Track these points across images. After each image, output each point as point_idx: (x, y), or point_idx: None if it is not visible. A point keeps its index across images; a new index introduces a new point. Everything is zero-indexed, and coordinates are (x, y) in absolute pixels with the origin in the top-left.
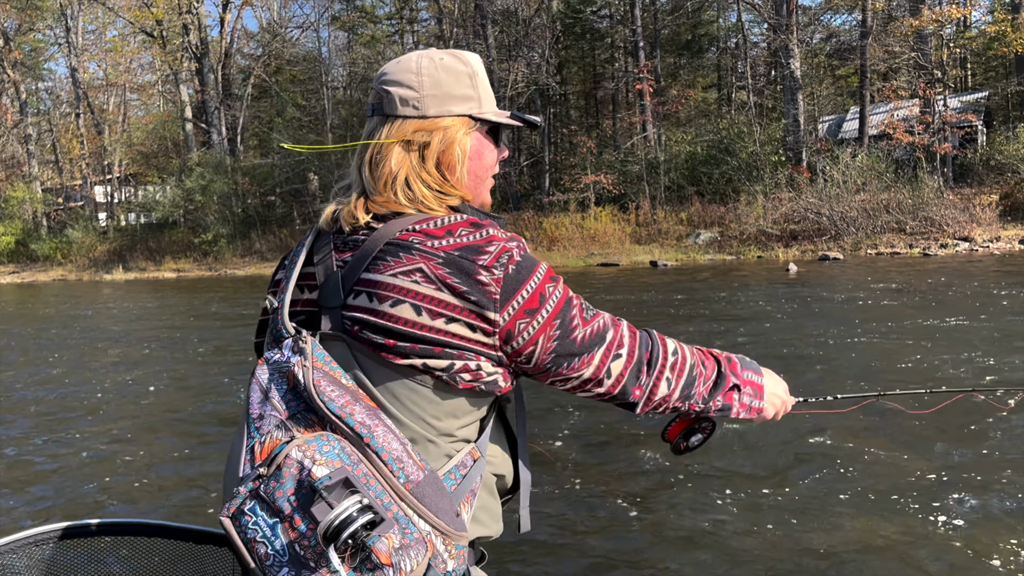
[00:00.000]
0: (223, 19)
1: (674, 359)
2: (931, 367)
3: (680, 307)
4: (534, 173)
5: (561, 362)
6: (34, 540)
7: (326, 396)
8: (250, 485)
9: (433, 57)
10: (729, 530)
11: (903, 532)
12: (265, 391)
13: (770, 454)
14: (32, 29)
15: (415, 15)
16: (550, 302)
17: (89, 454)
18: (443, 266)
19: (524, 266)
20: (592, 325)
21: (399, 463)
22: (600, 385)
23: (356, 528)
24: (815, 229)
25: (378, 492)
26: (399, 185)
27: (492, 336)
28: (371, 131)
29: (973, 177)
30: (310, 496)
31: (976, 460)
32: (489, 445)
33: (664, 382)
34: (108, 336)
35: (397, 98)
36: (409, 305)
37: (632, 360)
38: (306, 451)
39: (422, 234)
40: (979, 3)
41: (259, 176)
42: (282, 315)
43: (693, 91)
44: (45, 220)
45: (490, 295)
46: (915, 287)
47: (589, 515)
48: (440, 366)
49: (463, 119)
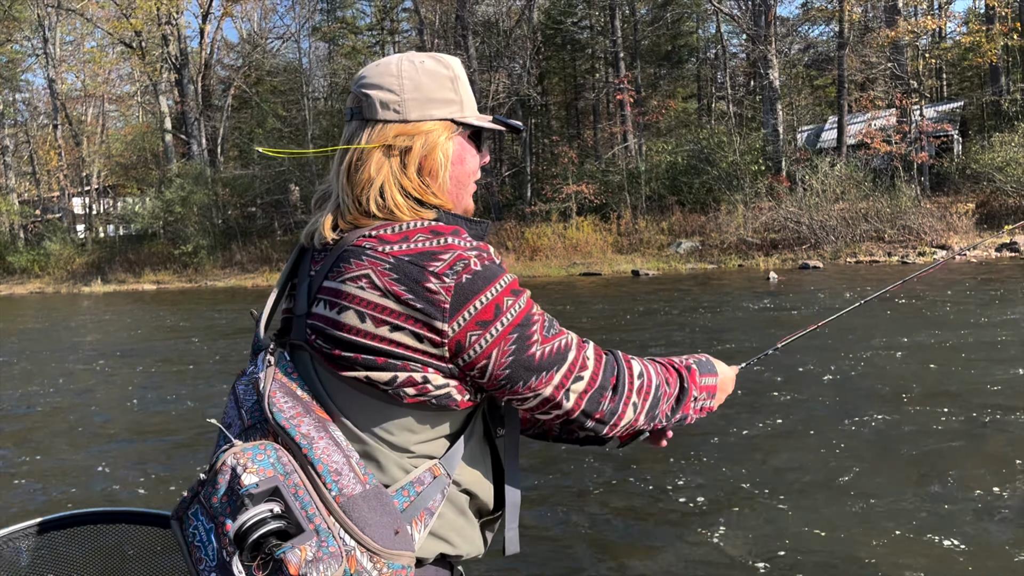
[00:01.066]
0: (203, 30)
1: (639, 382)
2: (906, 374)
3: (662, 316)
4: (516, 183)
5: (517, 379)
6: (25, 533)
7: (276, 407)
8: (194, 489)
9: (414, 60)
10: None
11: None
12: (237, 401)
13: (773, 458)
14: (9, 40)
15: (396, 26)
16: (507, 315)
17: (62, 463)
18: (390, 271)
19: (482, 276)
20: (553, 344)
21: (335, 476)
22: (559, 407)
23: (264, 534)
24: (795, 238)
25: (305, 503)
26: (373, 192)
27: (440, 347)
28: (350, 136)
29: (949, 186)
30: (237, 503)
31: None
32: (462, 465)
33: (631, 407)
34: (85, 348)
35: (377, 102)
36: (353, 311)
37: (595, 384)
38: (239, 458)
39: (376, 239)
40: (954, 14)
41: (239, 187)
42: (259, 327)
43: (673, 101)
44: (22, 232)
45: (438, 304)
46: (894, 294)
47: (578, 524)
48: (383, 379)
49: (445, 123)
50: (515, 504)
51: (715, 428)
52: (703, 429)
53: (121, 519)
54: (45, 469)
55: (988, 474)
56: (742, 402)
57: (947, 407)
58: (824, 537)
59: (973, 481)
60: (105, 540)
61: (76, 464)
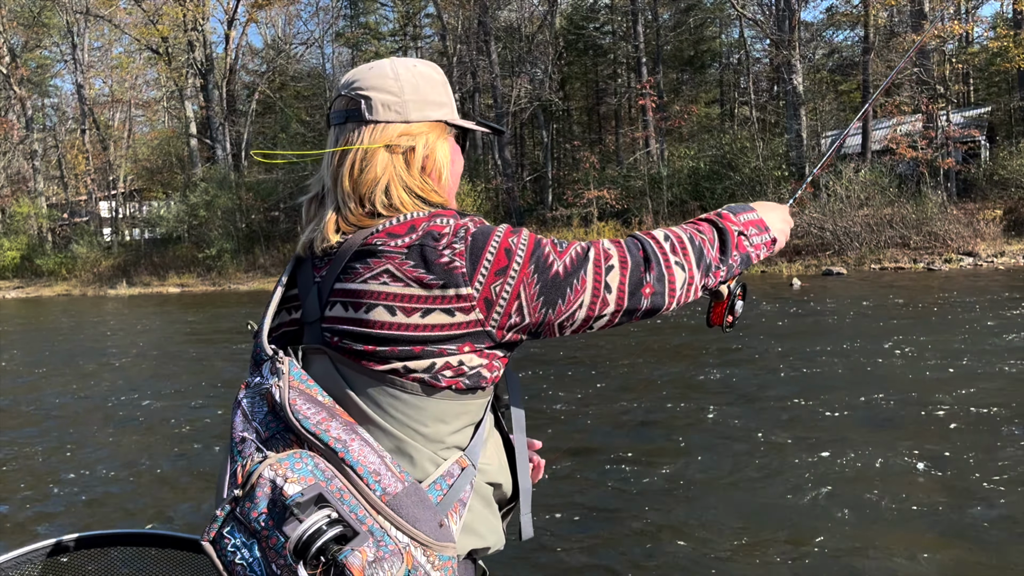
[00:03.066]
0: (228, 36)
1: (668, 243)
2: (929, 382)
3: (683, 321)
4: (537, 188)
5: (554, 300)
6: (27, 558)
7: (301, 414)
8: (227, 507)
9: (406, 64)
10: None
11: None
12: (246, 414)
13: (778, 459)
14: (38, 46)
15: (419, 32)
16: (518, 253)
17: (88, 467)
18: (407, 260)
19: (482, 232)
20: (569, 253)
21: (375, 476)
22: (607, 304)
23: (325, 542)
24: (819, 244)
25: (352, 506)
26: (379, 192)
27: (472, 311)
28: (342, 139)
29: (977, 192)
30: (283, 514)
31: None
32: (484, 454)
33: (676, 267)
34: (111, 349)
35: (379, 103)
36: (383, 308)
37: (627, 265)
38: (278, 470)
39: (385, 235)
40: (981, 19)
41: (263, 191)
42: (260, 338)
43: (696, 106)
44: (50, 235)
45: (457, 271)
46: (921, 302)
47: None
48: (421, 367)
49: (440, 125)
50: (527, 489)
51: (727, 431)
52: (714, 430)
53: (144, 542)
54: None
55: (1009, 483)
56: (748, 401)
57: (968, 414)
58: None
59: (994, 492)
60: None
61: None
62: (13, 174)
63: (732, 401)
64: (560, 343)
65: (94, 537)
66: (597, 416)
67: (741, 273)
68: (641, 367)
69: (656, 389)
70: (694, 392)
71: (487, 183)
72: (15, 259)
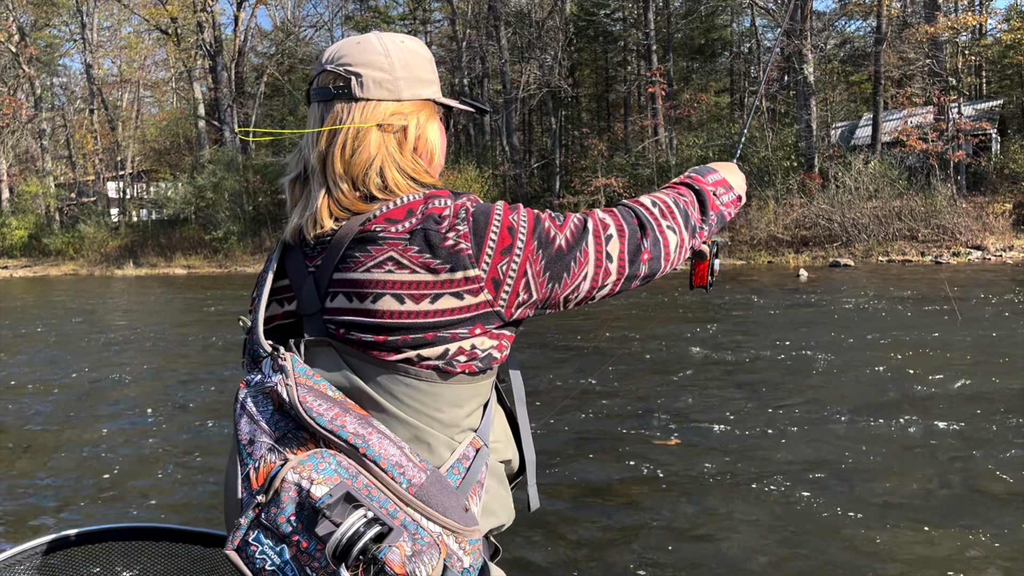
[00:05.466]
0: (237, 17)
1: (657, 208)
2: (934, 378)
3: (690, 311)
4: (545, 175)
5: (560, 274)
6: (37, 551)
7: (314, 412)
8: (250, 514)
9: (394, 39)
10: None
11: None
12: (252, 415)
13: (780, 459)
14: (48, 25)
15: (428, 16)
16: (520, 231)
17: (91, 450)
18: (411, 246)
19: (482, 211)
20: (568, 226)
21: (399, 468)
22: (609, 274)
23: (365, 543)
24: (826, 235)
25: (382, 501)
26: (373, 173)
27: (481, 293)
28: (329, 117)
29: (987, 185)
30: (312, 517)
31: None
32: (493, 433)
33: (668, 231)
34: (121, 330)
35: (371, 80)
36: (390, 296)
37: (624, 234)
38: (302, 472)
39: (384, 220)
40: (995, 11)
41: (270, 174)
42: (256, 334)
43: (705, 95)
44: (58, 215)
45: (463, 253)
46: (928, 295)
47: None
48: (435, 354)
49: (430, 104)
50: (532, 460)
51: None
52: (724, 421)
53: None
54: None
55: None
56: (757, 398)
57: (976, 410)
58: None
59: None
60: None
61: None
62: (21, 153)
63: (736, 389)
64: (564, 323)
65: (98, 532)
66: (596, 403)
67: (709, 236)
68: (640, 354)
69: (660, 373)
70: (698, 378)
71: (494, 169)
72: (23, 238)
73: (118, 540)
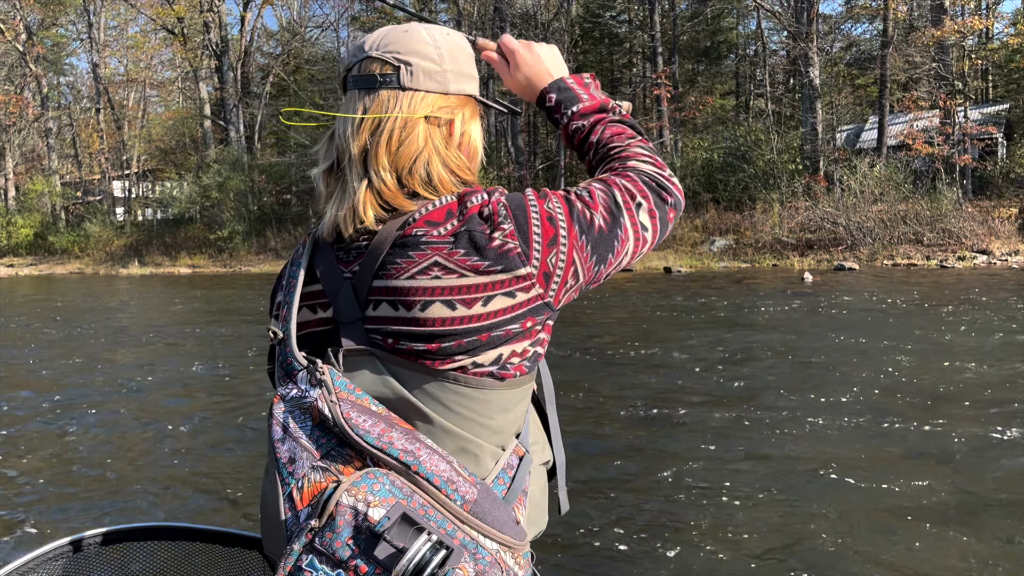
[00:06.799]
0: (243, 17)
1: (653, 157)
2: (937, 381)
3: (695, 314)
4: (549, 177)
5: (605, 255)
6: (53, 555)
7: (360, 429)
8: (303, 540)
9: (441, 31)
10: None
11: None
12: (290, 431)
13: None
14: (55, 24)
15: (434, 17)
16: (559, 219)
17: (99, 449)
18: (456, 249)
19: (519, 205)
20: (599, 203)
21: (451, 485)
22: (646, 242)
23: (432, 569)
24: (831, 239)
25: (440, 521)
26: (420, 165)
27: (532, 289)
28: (374, 106)
29: (992, 190)
30: (371, 541)
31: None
32: (532, 438)
33: (669, 173)
34: (128, 328)
35: (421, 70)
36: (440, 303)
37: (649, 198)
38: (356, 494)
39: (424, 223)
40: (1002, 15)
41: (275, 174)
42: (290, 346)
43: (711, 98)
44: (63, 213)
45: (512, 253)
46: (933, 299)
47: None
48: (489, 359)
49: (472, 100)
50: (563, 462)
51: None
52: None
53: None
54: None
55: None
56: (759, 399)
57: (977, 414)
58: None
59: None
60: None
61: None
62: (28, 152)
63: (737, 389)
64: (565, 322)
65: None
66: (601, 410)
67: None
68: (642, 356)
69: (662, 374)
70: (699, 379)
71: (499, 170)
72: (28, 236)
73: (136, 540)
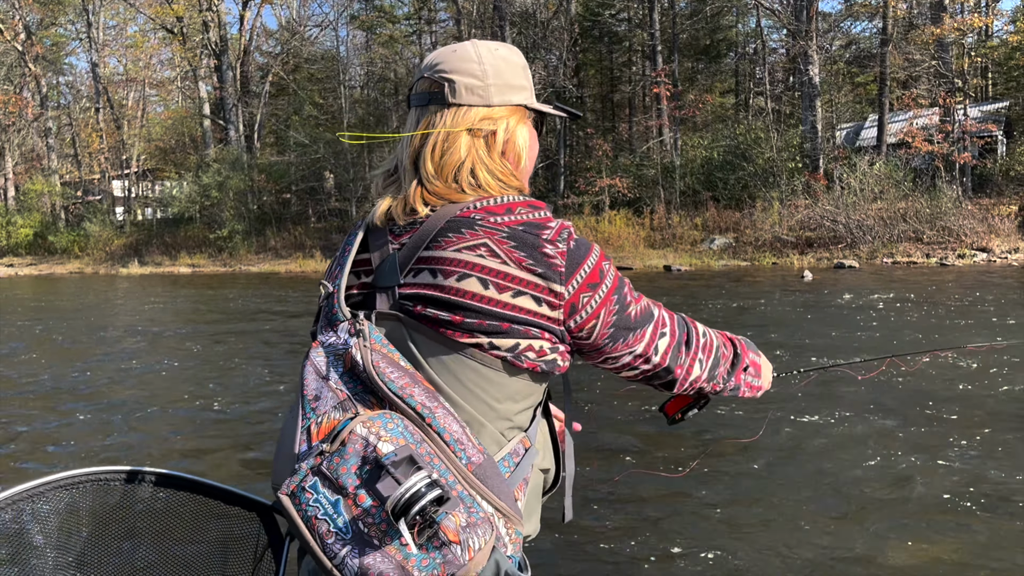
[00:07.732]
0: (243, 16)
1: (704, 340)
2: (937, 381)
3: (696, 312)
4: (549, 175)
5: (618, 337)
6: (62, 484)
7: (386, 376)
8: (311, 462)
9: (489, 47)
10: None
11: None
12: (321, 373)
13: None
14: (54, 24)
15: (433, 15)
16: (608, 279)
17: (103, 439)
18: (508, 239)
19: (582, 244)
20: (641, 304)
21: (460, 444)
22: (648, 362)
23: (425, 504)
24: (831, 237)
25: (442, 471)
26: (464, 172)
27: (557, 310)
28: (423, 122)
29: (992, 187)
30: (375, 472)
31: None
32: (539, 438)
33: (697, 363)
34: (128, 325)
35: (463, 86)
36: (476, 279)
37: (675, 339)
38: (371, 427)
39: (483, 211)
40: (1001, 12)
41: (275, 174)
42: (338, 299)
43: (710, 96)
44: (63, 213)
45: (556, 268)
46: (933, 297)
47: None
48: (506, 345)
49: (520, 109)
50: (572, 472)
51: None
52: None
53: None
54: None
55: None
56: (760, 400)
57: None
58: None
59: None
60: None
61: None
62: (27, 151)
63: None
64: None
65: (129, 472)
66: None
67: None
68: None
69: None
70: None
71: None
72: (28, 236)
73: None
